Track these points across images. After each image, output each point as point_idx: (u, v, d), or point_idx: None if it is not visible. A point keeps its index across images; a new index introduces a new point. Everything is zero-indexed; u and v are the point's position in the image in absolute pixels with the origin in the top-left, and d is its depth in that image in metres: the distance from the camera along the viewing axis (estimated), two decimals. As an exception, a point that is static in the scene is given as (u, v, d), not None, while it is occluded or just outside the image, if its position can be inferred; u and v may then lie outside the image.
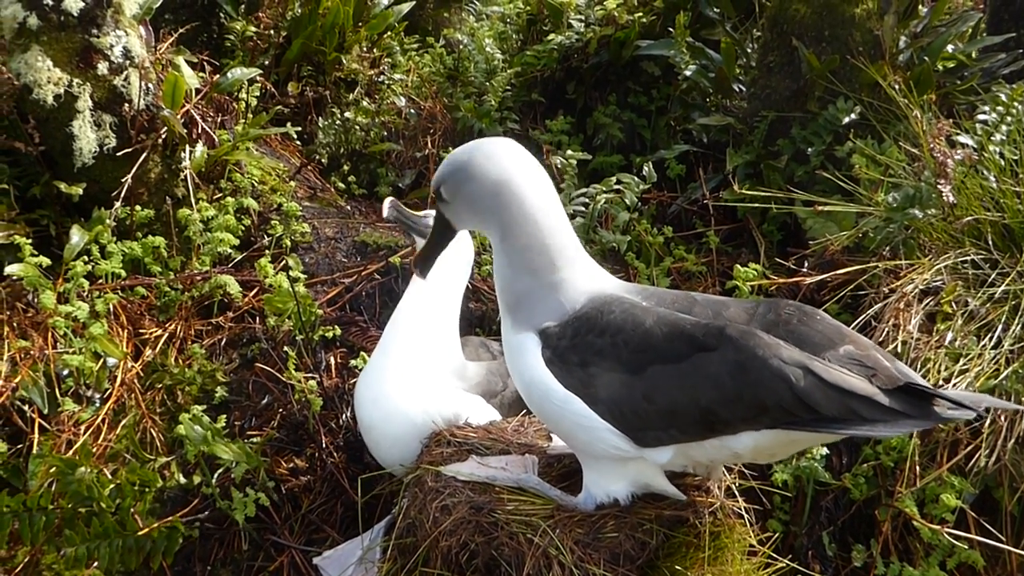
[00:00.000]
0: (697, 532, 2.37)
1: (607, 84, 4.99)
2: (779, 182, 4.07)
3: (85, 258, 3.48)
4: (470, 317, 3.83)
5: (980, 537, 2.98)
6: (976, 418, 2.21)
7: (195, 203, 3.80)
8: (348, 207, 4.43)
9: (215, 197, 3.92)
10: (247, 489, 3.09)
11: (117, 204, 3.61)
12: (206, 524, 3.12)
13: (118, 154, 3.63)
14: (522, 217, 2.26)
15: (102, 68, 3.57)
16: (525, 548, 2.29)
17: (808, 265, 3.73)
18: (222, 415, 3.25)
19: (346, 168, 4.77)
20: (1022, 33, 4.76)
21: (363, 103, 5.01)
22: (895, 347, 3.22)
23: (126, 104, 3.62)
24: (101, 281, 3.51)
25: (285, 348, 3.47)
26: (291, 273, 3.62)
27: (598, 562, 2.25)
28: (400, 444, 2.80)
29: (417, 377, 2.85)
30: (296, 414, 3.38)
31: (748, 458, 2.27)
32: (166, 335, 3.51)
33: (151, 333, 3.50)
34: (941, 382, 3.09)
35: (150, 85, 3.71)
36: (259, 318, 3.63)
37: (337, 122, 4.86)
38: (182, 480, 3.11)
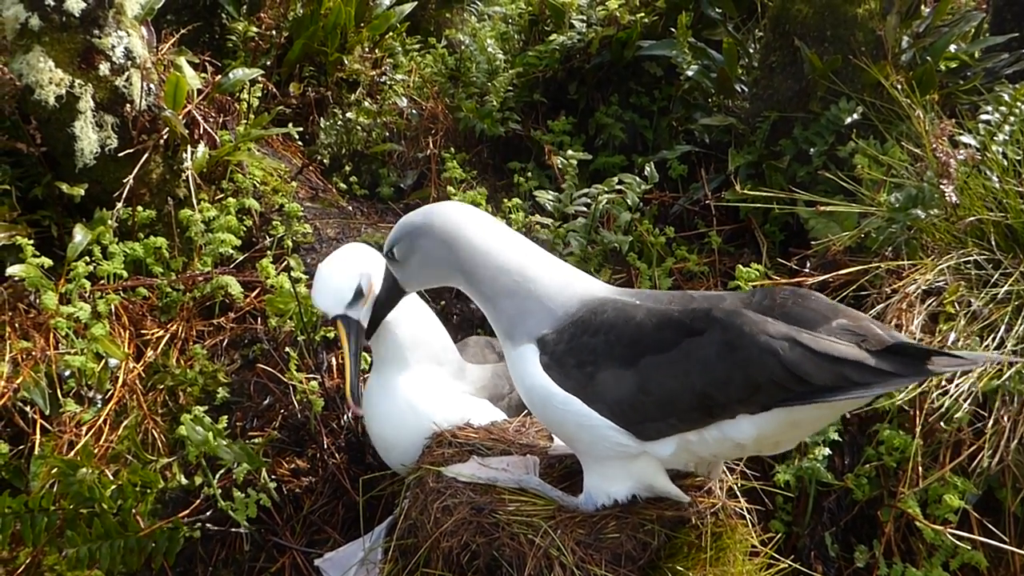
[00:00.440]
0: (699, 533, 2.36)
1: (609, 84, 4.99)
2: (781, 182, 4.06)
3: (87, 259, 3.49)
4: (471, 317, 3.83)
5: (983, 538, 2.98)
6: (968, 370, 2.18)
7: (197, 204, 3.80)
8: (350, 208, 4.43)
9: (217, 198, 3.92)
10: (248, 490, 3.09)
11: (119, 205, 3.61)
12: (207, 525, 3.11)
13: (120, 155, 3.63)
14: (476, 253, 2.36)
15: (104, 69, 3.58)
16: (526, 549, 2.28)
17: (810, 265, 3.72)
18: (223, 416, 3.25)
19: (348, 169, 4.77)
20: (1025, 33, 4.75)
21: (365, 104, 5.01)
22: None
23: (128, 105, 3.62)
24: (103, 282, 3.51)
25: (287, 349, 3.47)
26: (293, 274, 3.62)
27: (599, 563, 2.25)
28: (412, 453, 2.76)
29: (424, 386, 2.82)
30: (298, 415, 3.38)
31: (752, 448, 2.26)
32: (168, 336, 3.51)
33: (153, 334, 3.50)
34: (944, 382, 3.08)
35: (152, 86, 3.72)
36: (261, 319, 3.63)
37: (339, 123, 4.86)
38: (183, 481, 3.10)
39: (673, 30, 4.61)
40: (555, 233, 4.02)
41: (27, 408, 3.16)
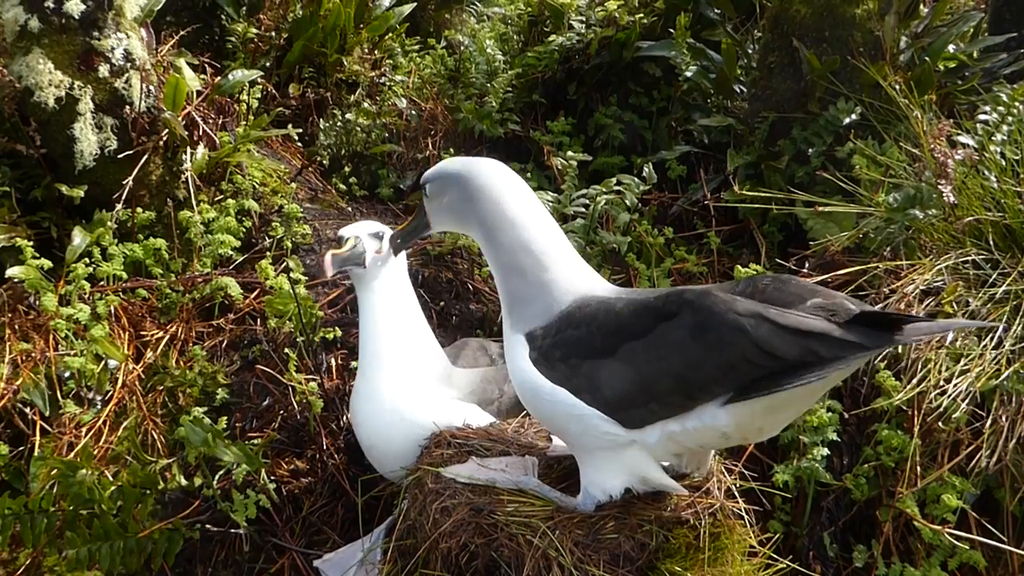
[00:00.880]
0: (697, 533, 2.37)
1: (608, 85, 5.00)
2: (780, 183, 4.07)
3: (86, 260, 3.49)
4: (470, 318, 3.83)
5: (981, 538, 2.98)
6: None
7: (196, 205, 3.81)
8: (349, 209, 4.43)
9: (216, 199, 3.92)
10: (248, 491, 3.10)
11: (118, 206, 3.62)
12: (207, 526, 3.12)
13: (119, 156, 3.64)
14: (504, 221, 2.39)
15: (103, 70, 3.58)
16: (525, 550, 2.29)
17: (809, 266, 3.72)
18: (223, 417, 3.26)
19: (347, 169, 4.77)
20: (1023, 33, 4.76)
21: (364, 104, 5.01)
22: (895, 347, 3.22)
23: (127, 106, 3.63)
24: (102, 283, 3.52)
25: (286, 350, 3.48)
26: (292, 275, 3.62)
27: (598, 563, 2.26)
28: (402, 460, 2.79)
29: (409, 392, 2.84)
30: (297, 416, 3.38)
31: (736, 437, 2.26)
32: (167, 337, 3.52)
33: (152, 335, 3.51)
34: (942, 382, 3.09)
35: (151, 87, 3.72)
36: (260, 320, 3.63)
37: (338, 124, 4.86)
38: (183, 482, 3.11)
39: (672, 31, 4.61)
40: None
41: (27, 409, 3.17)
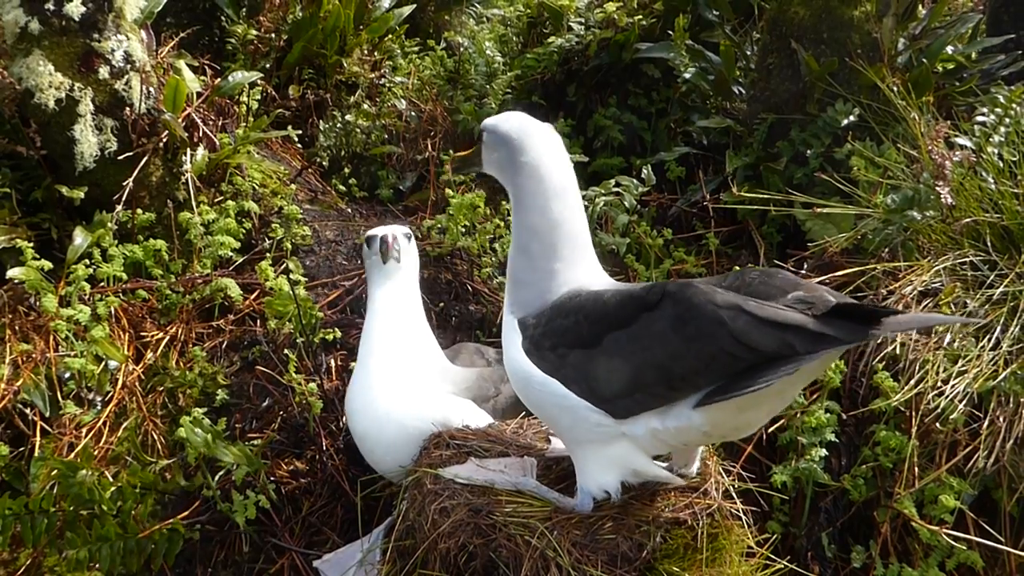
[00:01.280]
0: (695, 534, 2.37)
1: (607, 87, 5.00)
2: (778, 184, 4.07)
3: (86, 261, 3.50)
4: (470, 319, 3.84)
5: (979, 538, 2.99)
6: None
7: (196, 206, 3.81)
8: (349, 210, 4.44)
9: (216, 200, 3.93)
10: (247, 491, 3.10)
11: (118, 208, 3.62)
12: (207, 526, 3.13)
13: (119, 158, 3.64)
14: (533, 200, 2.39)
15: (103, 72, 3.59)
16: (523, 550, 2.29)
17: (807, 267, 3.73)
18: (223, 418, 3.26)
19: (347, 171, 4.78)
20: (1021, 34, 4.76)
21: (364, 106, 5.02)
22: (893, 348, 3.23)
23: (127, 108, 3.63)
24: (102, 284, 3.52)
25: (286, 351, 3.48)
26: (292, 276, 3.63)
27: (596, 564, 2.26)
28: (393, 451, 2.82)
29: (404, 383, 2.86)
30: (296, 416, 3.39)
31: (716, 435, 2.29)
32: (167, 338, 3.53)
33: (152, 336, 3.52)
34: (940, 383, 3.09)
35: (151, 89, 3.73)
36: (260, 321, 3.64)
37: (338, 125, 4.87)
38: (183, 482, 3.12)
39: (671, 32, 4.61)
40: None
41: (27, 410, 3.18)
